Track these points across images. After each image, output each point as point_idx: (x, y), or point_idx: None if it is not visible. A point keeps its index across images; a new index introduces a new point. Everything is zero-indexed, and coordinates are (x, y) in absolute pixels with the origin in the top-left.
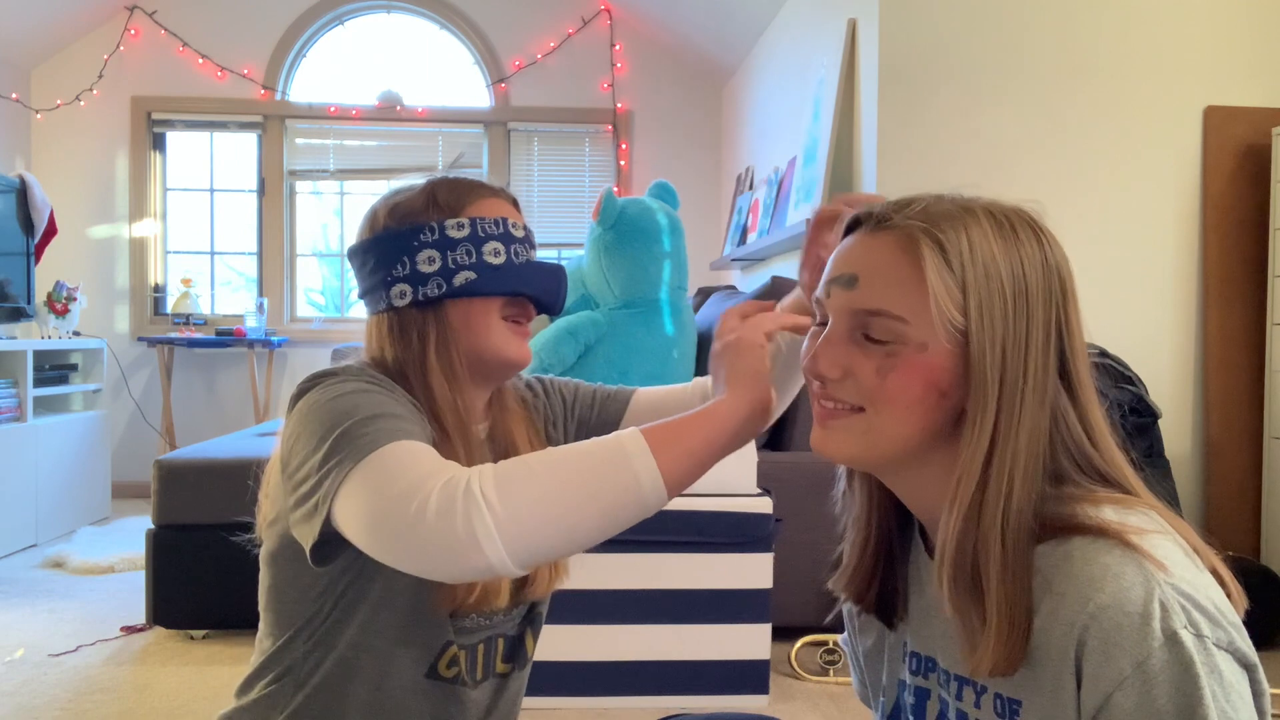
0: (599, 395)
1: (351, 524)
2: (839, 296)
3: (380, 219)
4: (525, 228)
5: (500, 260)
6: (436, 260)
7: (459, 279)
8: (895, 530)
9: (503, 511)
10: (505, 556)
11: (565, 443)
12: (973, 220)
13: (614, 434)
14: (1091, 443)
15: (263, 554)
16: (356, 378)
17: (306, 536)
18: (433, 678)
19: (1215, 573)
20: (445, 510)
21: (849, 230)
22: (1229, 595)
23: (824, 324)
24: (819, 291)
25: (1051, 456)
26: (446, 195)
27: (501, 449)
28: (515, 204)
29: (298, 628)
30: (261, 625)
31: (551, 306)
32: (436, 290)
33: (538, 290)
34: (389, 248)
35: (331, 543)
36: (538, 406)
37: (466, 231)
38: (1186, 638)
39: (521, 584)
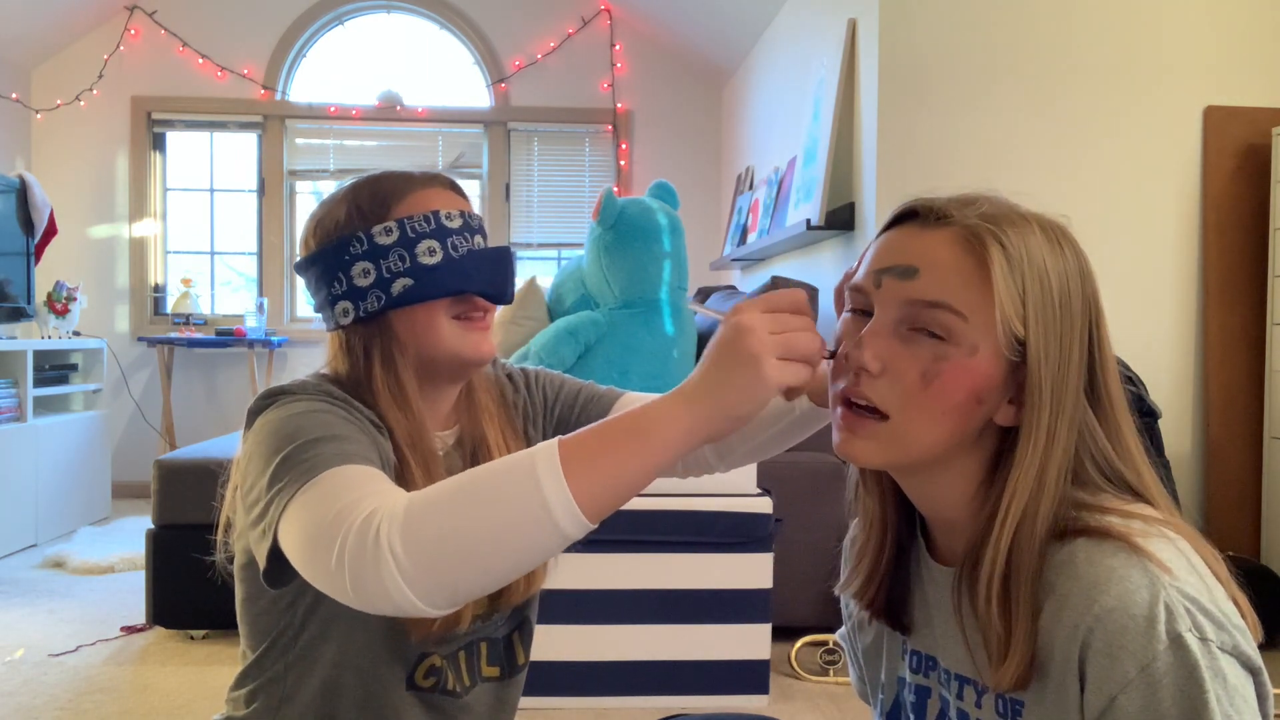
0: (584, 395)
1: (292, 554)
2: (892, 287)
3: (310, 238)
4: (463, 214)
5: (436, 259)
6: (371, 272)
7: (396, 287)
8: (905, 533)
9: (408, 563)
10: (418, 603)
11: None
12: (1028, 227)
13: (530, 454)
14: (1119, 455)
15: (235, 566)
16: (311, 396)
17: (260, 559)
18: (413, 689)
19: (1208, 562)
20: (355, 558)
21: (895, 223)
22: (1222, 581)
23: (856, 313)
24: (861, 279)
25: (1078, 465)
26: (369, 200)
27: (471, 452)
28: (452, 186)
29: (272, 639)
30: (240, 637)
31: (500, 297)
32: (377, 304)
33: (480, 284)
34: (323, 266)
35: (285, 565)
36: (517, 403)
37: (396, 236)
38: (1191, 641)
39: (495, 593)
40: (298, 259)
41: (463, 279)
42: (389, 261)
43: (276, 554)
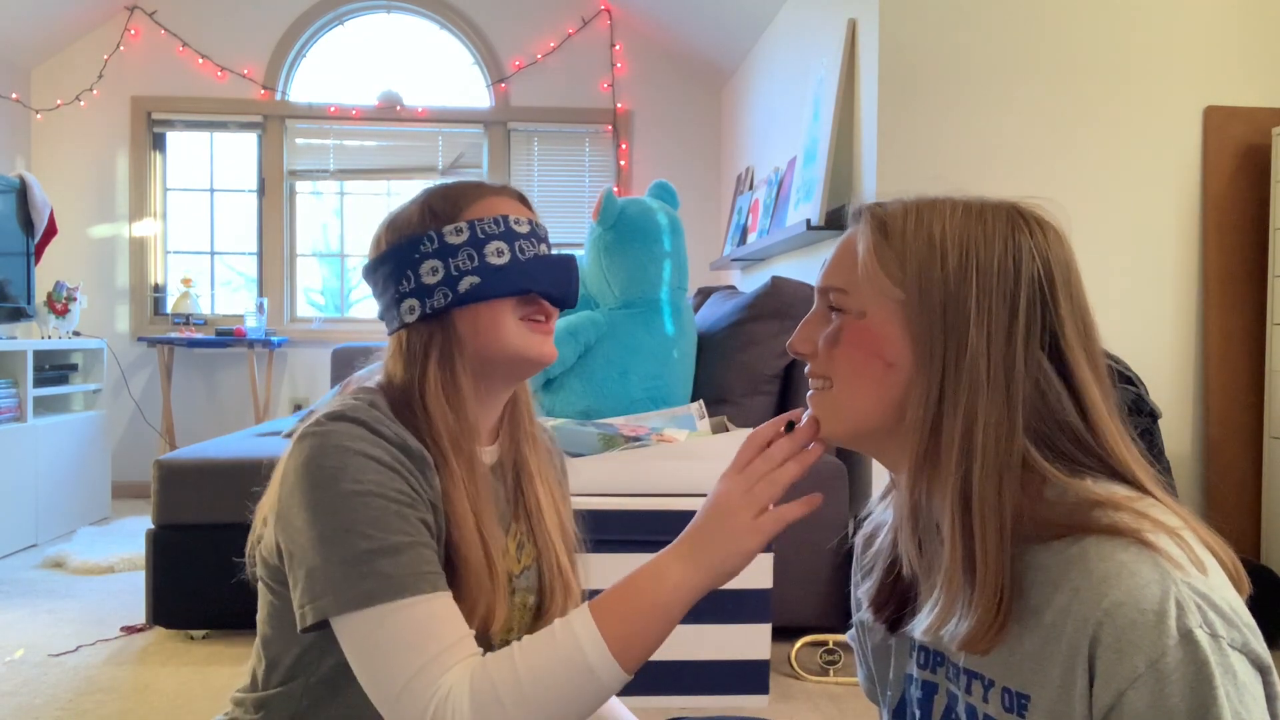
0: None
1: (352, 656)
2: (820, 281)
3: (383, 238)
4: (530, 222)
5: (504, 260)
6: (440, 270)
7: (463, 285)
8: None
9: None
10: None
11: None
12: (931, 207)
13: (574, 640)
14: (1084, 418)
15: (259, 574)
16: (367, 445)
17: (300, 619)
18: None
19: (1219, 559)
20: None
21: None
22: (1232, 578)
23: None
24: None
25: (1049, 431)
26: (442, 203)
27: (514, 478)
28: (521, 198)
29: (295, 655)
30: (257, 637)
31: (564, 300)
32: (443, 300)
33: (546, 285)
34: (393, 264)
35: (324, 629)
36: (559, 458)
37: (466, 235)
38: (1202, 637)
39: (535, 618)
40: (365, 262)
41: (528, 279)
42: (458, 260)
43: (321, 624)
